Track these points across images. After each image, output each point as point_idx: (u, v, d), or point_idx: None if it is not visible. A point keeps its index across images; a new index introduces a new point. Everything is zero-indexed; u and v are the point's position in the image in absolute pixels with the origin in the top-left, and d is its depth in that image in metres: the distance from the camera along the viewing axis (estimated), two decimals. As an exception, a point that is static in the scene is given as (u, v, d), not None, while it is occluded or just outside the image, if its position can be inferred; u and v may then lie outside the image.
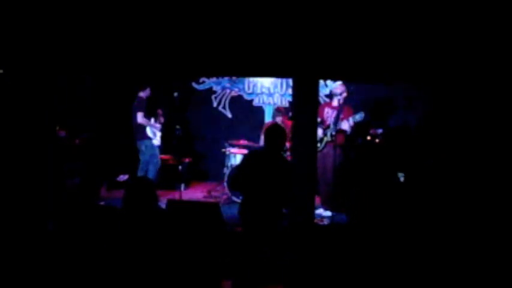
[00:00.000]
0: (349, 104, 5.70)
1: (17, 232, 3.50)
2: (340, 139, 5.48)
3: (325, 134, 5.56)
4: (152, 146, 6.00)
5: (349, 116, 5.45)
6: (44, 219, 3.74)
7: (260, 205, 3.48)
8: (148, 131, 5.98)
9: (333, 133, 5.49)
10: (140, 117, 5.90)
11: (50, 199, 4.26)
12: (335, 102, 5.69)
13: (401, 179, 4.89)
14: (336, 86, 5.76)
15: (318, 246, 3.56)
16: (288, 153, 5.60)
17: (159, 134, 6.13)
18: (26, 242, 3.43)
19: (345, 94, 5.62)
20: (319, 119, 5.64)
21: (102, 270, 3.04)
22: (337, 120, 5.50)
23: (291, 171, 3.62)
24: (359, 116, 5.37)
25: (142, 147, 6.00)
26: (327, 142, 5.54)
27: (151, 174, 5.85)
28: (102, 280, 3.02)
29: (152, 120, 6.11)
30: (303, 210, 4.02)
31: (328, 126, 5.57)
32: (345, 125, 5.44)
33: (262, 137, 6.36)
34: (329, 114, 5.66)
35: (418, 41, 4.05)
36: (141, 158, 6.03)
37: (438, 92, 5.28)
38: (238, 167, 3.70)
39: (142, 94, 6.01)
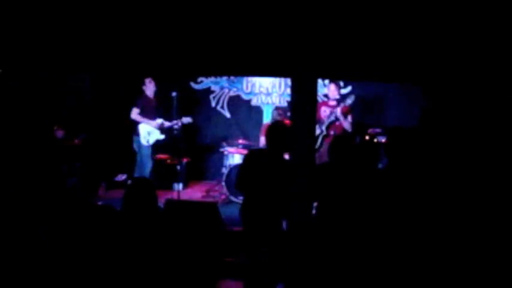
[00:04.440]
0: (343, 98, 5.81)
1: (14, 232, 3.50)
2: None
3: (321, 131, 5.62)
4: (140, 145, 5.92)
5: (345, 110, 5.55)
6: (41, 219, 3.74)
7: (262, 206, 3.42)
8: (140, 128, 5.91)
9: (331, 131, 5.55)
10: (133, 113, 5.84)
11: (49, 199, 4.26)
12: (332, 102, 5.76)
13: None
14: (331, 90, 5.88)
15: (317, 246, 3.57)
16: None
17: (156, 132, 6.02)
18: (24, 243, 3.43)
19: (336, 92, 5.80)
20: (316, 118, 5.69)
21: (100, 269, 3.04)
22: (330, 114, 5.60)
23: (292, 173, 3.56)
24: (350, 100, 5.47)
25: (135, 145, 5.95)
26: (324, 137, 5.59)
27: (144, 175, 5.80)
28: (100, 280, 3.02)
29: (159, 120, 6.00)
30: (301, 210, 4.01)
31: (322, 122, 5.65)
32: (338, 112, 5.53)
33: (261, 138, 6.36)
34: (326, 113, 5.72)
35: (417, 39, 4.06)
36: (137, 157, 6.00)
37: (436, 91, 5.30)
38: (240, 167, 3.61)
39: (147, 91, 5.94)
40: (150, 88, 5.93)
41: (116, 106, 6.65)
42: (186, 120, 6.04)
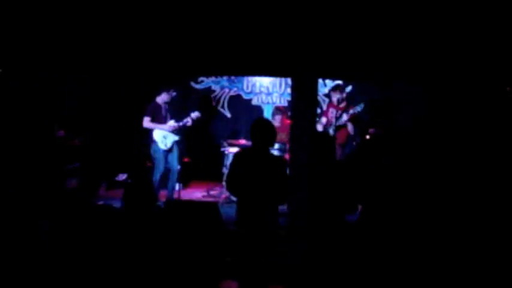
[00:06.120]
0: (352, 103, 5.79)
1: (14, 232, 3.50)
2: (342, 138, 5.53)
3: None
4: (157, 150, 5.82)
5: (352, 117, 5.54)
6: (41, 219, 3.74)
7: (255, 204, 3.41)
8: (155, 135, 5.88)
9: (335, 131, 5.55)
10: (145, 122, 5.77)
11: (49, 199, 4.26)
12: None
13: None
14: (336, 92, 5.89)
15: (317, 246, 3.57)
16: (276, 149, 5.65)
17: (171, 135, 5.84)
18: (24, 242, 3.43)
19: (342, 95, 5.81)
20: (324, 120, 5.71)
21: (100, 269, 3.04)
22: (339, 117, 5.59)
23: (282, 166, 3.53)
24: (359, 107, 5.47)
25: (151, 152, 5.89)
26: None
27: (154, 178, 5.76)
28: (101, 279, 3.02)
29: (171, 121, 5.87)
30: (302, 210, 4.01)
31: (330, 124, 5.65)
32: (345, 117, 5.52)
33: None
34: (333, 114, 5.73)
35: (416, 40, 4.06)
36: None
37: (435, 92, 5.30)
38: (230, 168, 3.61)
39: (158, 99, 5.86)
40: (169, 94, 5.83)
41: (116, 106, 6.64)
42: (195, 115, 5.93)
